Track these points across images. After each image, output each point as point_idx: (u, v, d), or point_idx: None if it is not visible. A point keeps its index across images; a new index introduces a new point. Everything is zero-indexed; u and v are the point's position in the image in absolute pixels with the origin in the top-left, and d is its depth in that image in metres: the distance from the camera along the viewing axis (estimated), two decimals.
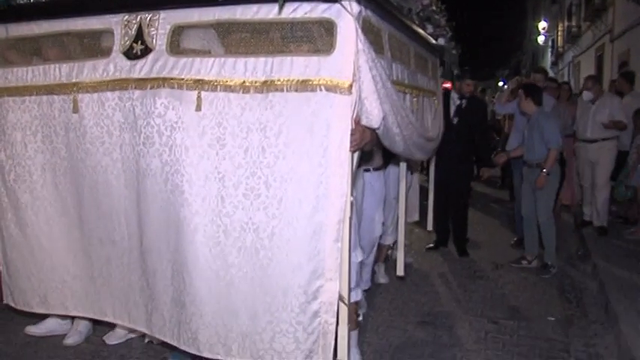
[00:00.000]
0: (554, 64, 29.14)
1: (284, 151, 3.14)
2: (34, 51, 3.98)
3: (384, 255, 5.92)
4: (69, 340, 4.41)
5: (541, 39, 30.80)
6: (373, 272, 5.83)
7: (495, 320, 5.09)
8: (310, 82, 3.10)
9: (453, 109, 7.06)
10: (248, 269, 3.25)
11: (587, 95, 7.91)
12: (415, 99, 4.68)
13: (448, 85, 7.32)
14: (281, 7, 3.03)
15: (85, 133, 3.66)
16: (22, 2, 3.88)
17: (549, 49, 31.50)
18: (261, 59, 3.20)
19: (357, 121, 3.14)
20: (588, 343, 4.67)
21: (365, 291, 5.24)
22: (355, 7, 3.05)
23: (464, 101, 7.04)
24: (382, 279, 5.94)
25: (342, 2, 3.02)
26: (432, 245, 7.48)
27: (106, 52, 3.62)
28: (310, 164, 3.10)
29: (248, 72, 3.21)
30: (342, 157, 3.08)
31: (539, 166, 6.32)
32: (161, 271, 3.53)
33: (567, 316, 5.24)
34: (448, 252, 7.39)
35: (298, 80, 3.12)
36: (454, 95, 7.10)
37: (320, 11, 3.10)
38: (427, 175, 7.73)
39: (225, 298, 3.31)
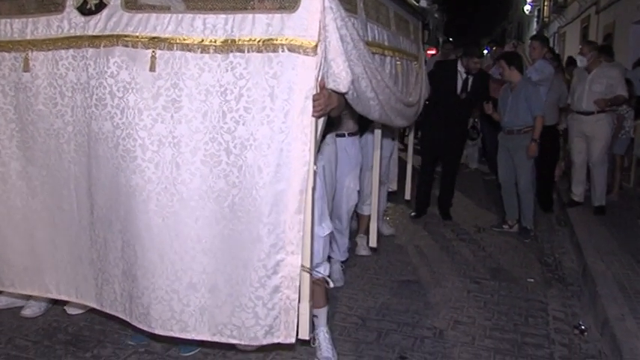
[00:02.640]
0: (539, 33, 28.76)
1: (244, 116, 2.84)
2: None
3: (365, 225, 5.60)
4: (26, 312, 4.10)
5: (527, 8, 30.49)
6: (355, 244, 5.65)
7: (477, 280, 5.24)
8: (273, 42, 2.80)
9: (459, 81, 6.90)
10: (207, 240, 2.98)
11: (581, 61, 7.27)
12: (399, 62, 4.38)
13: (433, 51, 7.12)
14: None
15: (37, 93, 3.31)
16: None
17: (535, 19, 31.12)
18: (222, 16, 2.88)
19: (322, 85, 2.84)
20: (565, 304, 4.80)
21: (343, 262, 5.01)
22: None
23: (470, 77, 6.85)
24: (363, 251, 5.66)
25: None
26: (414, 214, 7.28)
27: (60, 7, 3.27)
28: (271, 130, 2.81)
29: (207, 30, 2.90)
30: (304, 123, 2.80)
31: (522, 132, 6.31)
32: (112, 241, 3.22)
33: (546, 279, 5.39)
34: (431, 218, 7.26)
35: (260, 40, 2.81)
36: (461, 69, 6.86)
37: None
38: (403, 144, 7.48)
39: (181, 271, 3.03)
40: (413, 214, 7.30)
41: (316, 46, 2.75)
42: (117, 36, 3.06)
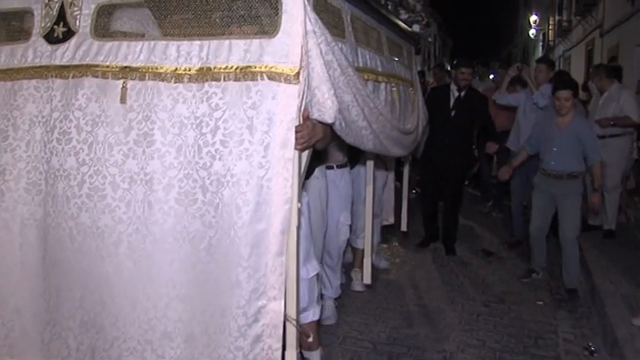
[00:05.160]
0: (540, 57, 28.98)
1: (221, 151, 2.71)
2: None
3: (360, 259, 5.48)
4: None
5: (532, 32, 30.77)
6: (350, 279, 5.52)
7: (487, 304, 5.32)
8: (251, 69, 2.69)
9: (452, 101, 6.72)
10: (183, 286, 2.82)
11: (592, 86, 7.23)
12: (395, 88, 4.28)
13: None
14: None
15: None
16: None
17: (540, 43, 31.34)
18: (196, 43, 2.79)
19: (305, 115, 2.72)
20: (575, 325, 4.89)
21: (336, 299, 4.88)
22: None
23: (462, 93, 6.68)
24: (358, 286, 5.49)
25: None
26: (420, 242, 7.14)
27: (26, 36, 3.19)
28: (250, 165, 2.68)
29: (181, 58, 2.81)
30: (286, 157, 2.67)
31: (572, 176, 5.48)
32: (68, 290, 3.02)
33: (555, 301, 5.45)
34: (434, 250, 7.12)
35: (238, 67, 2.71)
36: (453, 87, 6.74)
37: None
38: (400, 174, 7.35)
39: (155, 319, 2.87)
40: (419, 242, 7.15)
41: (298, 73, 2.64)
42: (86, 66, 2.97)
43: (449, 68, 12.41)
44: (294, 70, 2.64)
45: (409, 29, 4.85)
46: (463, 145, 6.86)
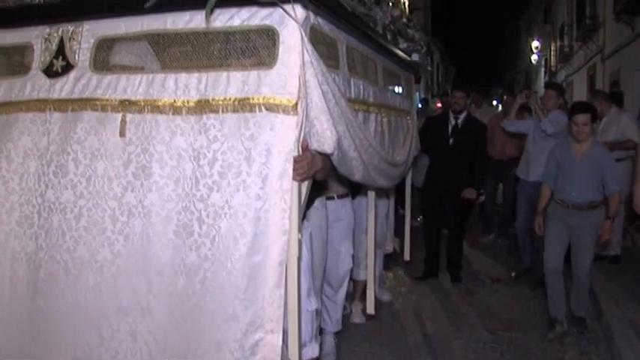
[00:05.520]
0: (548, 83, 29.15)
1: (219, 182, 2.73)
2: None
3: (360, 291, 5.46)
4: None
5: (534, 58, 30.98)
6: (350, 311, 5.49)
7: (493, 331, 5.34)
8: (249, 101, 2.72)
9: (450, 129, 6.74)
10: (179, 318, 2.82)
11: None
12: (385, 119, 4.29)
13: (440, 104, 7.04)
14: (209, 14, 2.63)
15: None
16: None
17: (542, 69, 31.53)
18: (195, 75, 2.83)
19: (304, 146, 2.74)
20: (582, 351, 4.90)
21: (336, 334, 4.85)
22: (301, 13, 2.68)
23: (460, 120, 6.70)
24: (358, 318, 5.47)
25: (285, 7, 2.64)
26: (420, 275, 7.07)
27: (25, 69, 3.25)
28: (247, 197, 2.69)
29: (179, 90, 2.84)
30: (284, 188, 2.68)
31: (591, 207, 5.19)
32: (58, 325, 3.00)
33: (562, 327, 5.31)
34: (437, 282, 7.04)
35: (236, 99, 2.74)
36: (450, 115, 6.77)
37: (260, 18, 2.74)
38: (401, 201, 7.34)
39: (155, 352, 2.87)
40: (419, 275, 7.07)
41: (296, 104, 2.67)
42: (86, 100, 3.01)
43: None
44: (292, 101, 2.67)
45: (408, 58, 4.88)
46: (463, 172, 6.84)
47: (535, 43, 30.12)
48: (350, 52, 3.47)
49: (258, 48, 2.78)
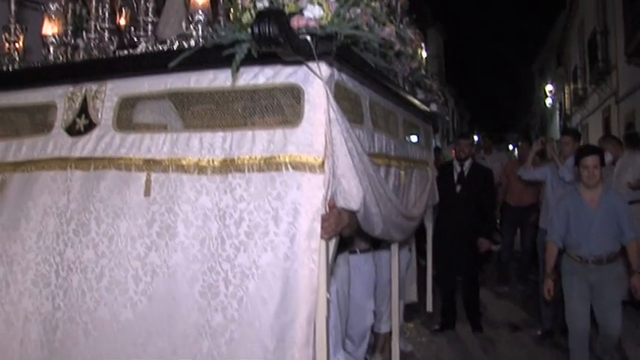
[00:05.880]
0: (563, 126, 29.17)
1: (245, 242, 2.72)
2: None
3: (381, 344, 5.43)
4: None
5: (549, 102, 31.14)
6: None
7: None
8: (275, 160, 2.73)
9: (456, 177, 6.75)
10: None
11: (607, 157, 7.22)
12: (403, 172, 4.28)
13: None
14: (235, 73, 2.66)
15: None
16: None
17: (557, 112, 31.60)
18: (219, 134, 2.85)
19: (331, 204, 2.74)
20: None
21: None
22: (325, 70, 2.71)
23: (465, 167, 6.72)
24: None
25: (310, 65, 2.66)
26: (437, 327, 7.00)
27: (48, 128, 3.30)
28: (275, 257, 2.68)
29: (204, 150, 2.87)
30: (312, 247, 2.66)
31: (611, 260, 4.93)
32: None
33: None
34: (460, 327, 7.07)
35: (262, 158, 2.75)
36: (455, 163, 6.81)
37: (285, 76, 2.77)
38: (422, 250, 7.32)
39: None
40: (436, 327, 7.06)
41: (323, 162, 2.67)
42: (109, 159, 3.05)
43: None
44: (318, 159, 2.67)
45: (427, 109, 4.90)
46: (472, 219, 6.84)
47: (549, 87, 30.35)
48: (373, 106, 3.49)
49: (283, 106, 2.80)
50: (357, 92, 3.25)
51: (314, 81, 2.70)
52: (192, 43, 2.90)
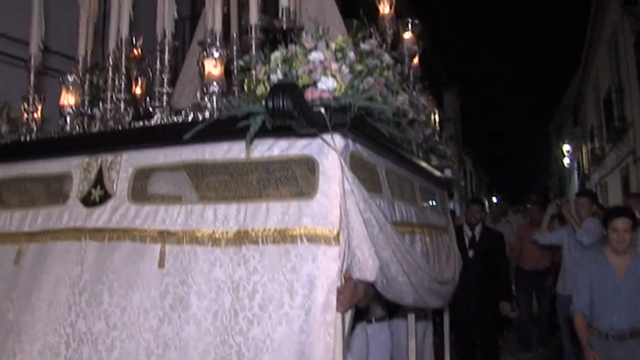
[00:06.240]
0: (582, 186, 29.09)
1: (259, 315, 2.71)
2: None
3: None
4: None
5: (566, 161, 31.14)
6: None
7: None
8: (289, 232, 2.74)
9: (467, 242, 6.72)
10: None
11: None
12: (428, 238, 4.28)
13: None
14: (249, 144, 2.71)
15: (13, 287, 3.27)
16: None
17: (575, 172, 31.56)
18: (234, 206, 2.88)
19: (347, 276, 2.73)
20: None
21: None
22: (340, 142, 2.74)
23: (477, 232, 6.72)
24: None
25: (324, 136, 2.70)
26: None
27: (64, 198, 3.35)
28: (290, 330, 2.66)
29: (218, 221, 2.88)
30: (328, 320, 2.65)
31: (635, 334, 4.54)
32: None
33: None
34: None
35: (276, 230, 2.76)
36: (465, 228, 6.81)
37: (299, 148, 2.81)
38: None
39: None
40: None
41: (338, 234, 2.68)
42: (124, 230, 3.06)
43: (486, 203, 12.62)
44: (333, 231, 2.68)
45: (441, 175, 4.91)
46: (487, 283, 6.78)
47: (566, 147, 30.41)
48: (389, 174, 3.51)
49: (298, 178, 2.83)
50: (373, 162, 3.28)
51: (328, 153, 2.73)
52: (207, 114, 2.96)
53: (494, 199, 26.26)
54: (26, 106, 3.73)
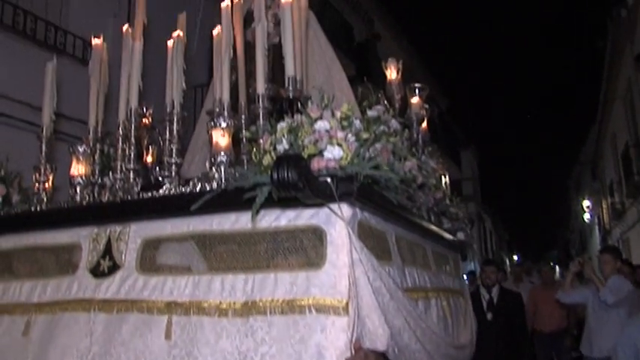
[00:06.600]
0: (604, 241, 28.82)
1: None
2: (4, 267, 3.72)
3: None
4: None
5: (587, 217, 31.01)
6: None
7: None
8: (298, 303, 2.73)
9: (485, 305, 6.66)
10: None
11: None
12: (444, 302, 4.25)
13: None
14: (255, 216, 2.74)
15: (25, 358, 3.26)
16: None
17: (596, 227, 31.34)
18: (241, 276, 2.88)
19: (357, 347, 2.71)
20: None
21: None
22: (347, 211, 2.75)
23: (494, 294, 6.67)
24: None
25: (331, 206, 2.72)
26: None
27: (73, 269, 3.37)
28: None
29: (225, 292, 2.88)
30: None
31: None
32: None
33: None
34: None
35: (284, 301, 2.75)
36: (482, 290, 6.76)
37: (306, 218, 2.82)
38: None
39: None
40: None
41: (347, 304, 2.67)
42: (132, 301, 3.07)
43: (507, 262, 12.64)
44: (342, 301, 2.66)
45: (454, 238, 4.90)
46: (507, 347, 6.67)
47: (586, 202, 30.39)
48: (399, 241, 3.51)
49: (306, 247, 2.83)
50: (382, 229, 3.29)
51: (336, 222, 2.73)
52: (215, 185, 3.00)
53: (515, 257, 26.06)
54: (38, 176, 3.79)
